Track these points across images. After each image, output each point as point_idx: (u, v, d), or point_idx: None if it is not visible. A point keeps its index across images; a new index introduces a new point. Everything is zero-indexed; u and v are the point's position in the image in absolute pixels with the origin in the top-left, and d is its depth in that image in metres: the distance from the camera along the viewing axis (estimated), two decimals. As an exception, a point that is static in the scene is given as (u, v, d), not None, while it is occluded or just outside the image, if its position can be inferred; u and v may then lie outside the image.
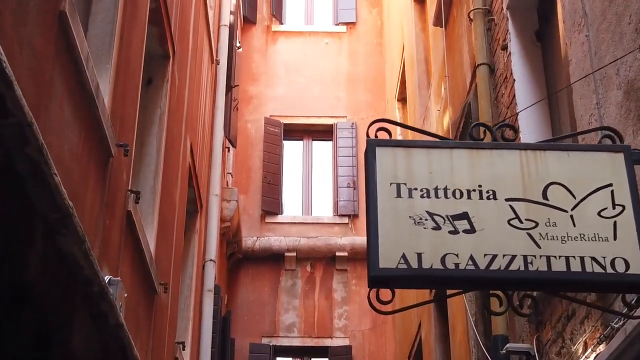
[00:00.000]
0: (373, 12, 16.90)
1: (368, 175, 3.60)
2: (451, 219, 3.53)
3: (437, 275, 3.42)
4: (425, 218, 3.52)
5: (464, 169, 3.64)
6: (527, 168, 3.66)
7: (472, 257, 3.45)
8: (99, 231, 5.02)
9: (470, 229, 3.51)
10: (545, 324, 5.73)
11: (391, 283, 3.43)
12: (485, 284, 3.61)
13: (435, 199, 3.56)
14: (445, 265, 3.43)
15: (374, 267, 3.38)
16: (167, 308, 7.68)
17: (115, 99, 5.42)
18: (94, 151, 4.85)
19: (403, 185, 3.58)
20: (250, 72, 16.07)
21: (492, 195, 3.61)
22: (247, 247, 14.54)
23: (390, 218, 3.50)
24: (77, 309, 4.43)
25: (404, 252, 3.42)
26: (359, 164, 15.37)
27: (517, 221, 3.58)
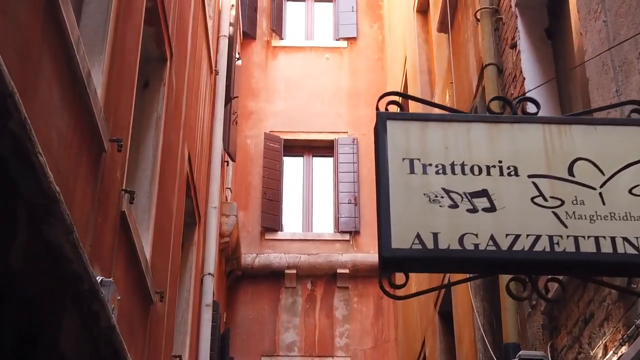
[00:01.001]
0: (374, 27, 16.71)
1: (378, 150, 3.35)
2: (469, 197, 3.27)
3: (455, 256, 3.15)
4: (441, 195, 3.26)
5: (483, 143, 3.38)
6: (551, 143, 3.40)
7: (493, 237, 3.18)
8: (90, 229, 4.75)
9: (491, 207, 3.25)
10: (560, 329, 5.45)
11: (405, 265, 3.16)
12: (508, 266, 3.33)
13: (452, 176, 3.30)
14: (463, 245, 3.16)
15: (386, 247, 3.12)
16: (163, 319, 7.39)
17: (109, 92, 5.17)
18: (85, 143, 4.60)
19: (417, 160, 3.32)
20: (249, 88, 15.84)
21: (514, 172, 3.35)
22: (247, 264, 14.24)
23: (403, 195, 3.24)
24: (65, 308, 4.16)
25: (418, 231, 3.16)
26: (361, 179, 15.12)
27: (541, 199, 3.31)
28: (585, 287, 4.92)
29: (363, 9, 16.87)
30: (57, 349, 4.12)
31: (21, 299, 3.70)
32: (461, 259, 3.19)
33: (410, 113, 3.99)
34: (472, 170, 3.33)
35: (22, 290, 3.68)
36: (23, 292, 3.70)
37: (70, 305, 4.19)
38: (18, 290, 3.63)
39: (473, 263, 3.27)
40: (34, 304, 3.84)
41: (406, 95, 3.81)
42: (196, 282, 9.80)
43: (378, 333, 14.20)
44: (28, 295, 3.76)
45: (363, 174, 15.19)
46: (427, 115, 3.60)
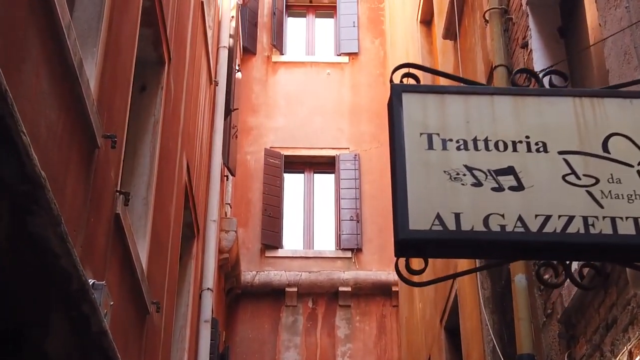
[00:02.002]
0: (375, 43, 16.50)
1: (393, 125, 3.07)
2: (494, 174, 2.99)
3: (480, 238, 2.87)
4: (463, 173, 2.98)
5: (508, 117, 3.11)
6: (583, 117, 3.13)
7: (521, 218, 2.90)
8: (82, 228, 4.48)
9: (518, 186, 2.97)
10: (579, 338, 5.15)
11: (424, 248, 2.88)
12: (538, 250, 3.05)
13: (475, 152, 3.03)
14: (488, 227, 2.89)
15: (402, 229, 2.83)
16: (160, 331, 7.09)
17: (103, 87, 4.91)
18: (76, 137, 4.33)
19: (435, 135, 3.05)
20: (250, 103, 15.60)
21: (542, 148, 3.08)
22: (246, 282, 13.93)
23: (421, 173, 2.96)
24: (52, 309, 3.87)
25: (438, 211, 2.88)
26: (362, 196, 14.85)
27: (573, 177, 3.03)
28: (607, 291, 4.63)
29: (364, 24, 16.67)
30: (43, 352, 3.83)
31: (2, 297, 3.42)
32: (486, 241, 2.90)
33: (427, 85, 3.73)
34: (497, 146, 3.06)
35: (3, 287, 3.40)
36: (4, 289, 3.42)
37: (57, 307, 3.90)
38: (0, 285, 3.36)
39: (499, 246, 2.98)
40: (17, 303, 3.56)
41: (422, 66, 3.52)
42: (194, 297, 9.50)
43: (381, 353, 13.86)
44: (10, 293, 3.47)
45: (365, 190, 14.92)
46: (445, 87, 3.30)
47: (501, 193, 2.96)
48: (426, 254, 2.91)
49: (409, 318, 12.48)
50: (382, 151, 15.21)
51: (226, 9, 11.97)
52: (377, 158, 15.20)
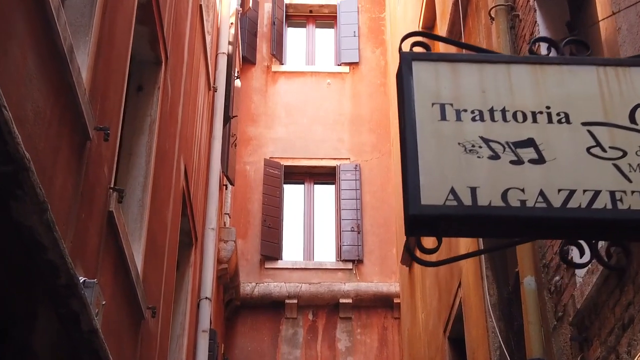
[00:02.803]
0: (376, 52, 16.33)
1: (403, 95, 2.86)
2: (513, 147, 2.78)
3: (498, 214, 2.66)
4: (479, 145, 2.77)
5: (526, 87, 2.90)
6: (608, 87, 2.93)
7: (543, 192, 2.69)
8: (72, 223, 4.26)
9: (538, 159, 2.76)
10: (593, 340, 4.92)
11: (437, 225, 2.66)
12: (562, 227, 2.83)
13: (491, 123, 2.82)
14: (507, 202, 2.68)
15: (414, 204, 2.62)
16: (156, 338, 6.86)
17: (96, 78, 4.71)
18: (66, 125, 4.12)
19: (449, 105, 2.84)
20: (249, 113, 15.41)
21: (565, 119, 2.87)
22: (246, 294, 13.69)
23: (434, 145, 2.75)
24: (38, 304, 3.65)
25: (452, 186, 2.67)
26: (363, 207, 14.64)
27: (598, 149, 2.82)
28: (623, 290, 4.42)
29: (365, 34, 16.50)
30: (30, 350, 3.61)
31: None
32: (506, 217, 2.69)
33: (439, 53, 3.53)
34: (515, 117, 2.85)
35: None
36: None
37: (44, 302, 3.68)
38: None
39: (520, 222, 2.76)
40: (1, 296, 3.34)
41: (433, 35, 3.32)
42: (192, 307, 9.27)
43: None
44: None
45: (366, 200, 14.71)
46: (459, 55, 3.09)
47: (521, 166, 2.75)
48: (439, 231, 2.69)
49: (411, 329, 12.23)
50: (383, 161, 15.03)
51: (225, 16, 11.80)
52: (378, 168, 15.01)
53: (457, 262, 8.80)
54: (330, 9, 16.84)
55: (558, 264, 5.44)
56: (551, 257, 5.62)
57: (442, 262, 3.07)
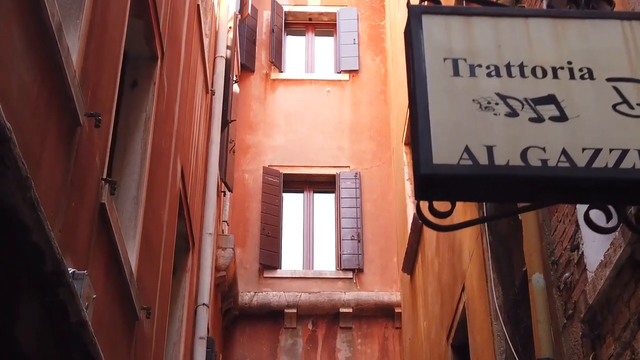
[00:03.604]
0: (376, 60, 16.16)
1: (412, 50, 2.66)
2: (532, 103, 2.58)
3: (517, 174, 2.45)
4: (495, 102, 2.58)
5: (546, 42, 2.70)
6: (634, 42, 2.73)
7: (566, 151, 2.49)
8: (61, 210, 4.06)
9: (560, 116, 2.57)
10: (606, 337, 4.71)
11: (450, 186, 2.46)
12: (587, 188, 2.62)
13: (508, 78, 2.62)
14: (527, 161, 2.48)
15: (425, 163, 2.41)
16: (151, 341, 6.64)
17: (87, 63, 4.52)
18: (54, 107, 3.93)
19: (462, 61, 2.65)
20: (248, 121, 15.22)
21: (588, 75, 2.67)
22: (244, 303, 13.46)
23: (446, 101, 2.55)
24: (22, 292, 3.44)
25: (467, 144, 2.47)
26: (364, 215, 14.43)
27: (625, 106, 2.63)
28: (639, 281, 4.21)
29: (365, 41, 16.34)
30: (13, 342, 3.40)
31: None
32: (526, 177, 2.49)
33: (451, 6, 3.29)
34: (534, 73, 2.65)
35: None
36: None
37: (29, 291, 3.47)
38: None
39: (541, 183, 2.56)
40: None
41: (444, -13, 3.11)
42: (189, 313, 9.04)
43: (384, 378, 13.38)
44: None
45: (366, 209, 14.51)
46: (473, 9, 2.87)
47: (541, 124, 2.55)
48: (453, 194, 2.49)
49: (412, 339, 12.00)
50: (383, 169, 14.84)
51: (223, 19, 11.64)
52: (379, 176, 14.82)
53: (460, 265, 8.60)
54: (330, 16, 16.69)
55: (568, 260, 5.24)
56: (560, 253, 5.42)
57: (455, 227, 2.86)
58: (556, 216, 5.49)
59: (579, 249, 5.07)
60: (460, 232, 8.58)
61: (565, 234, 5.34)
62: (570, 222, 5.22)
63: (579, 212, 5.08)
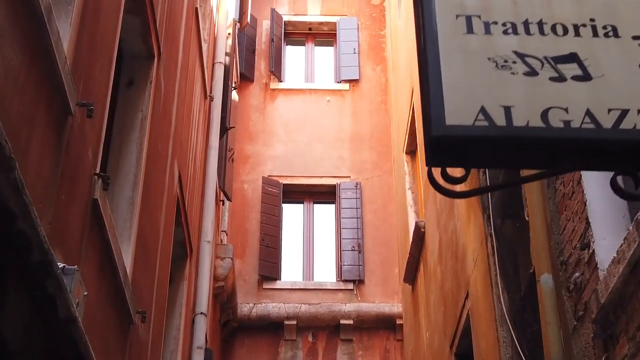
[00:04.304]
0: (377, 70, 16.01)
1: (422, 6, 2.48)
2: (552, 62, 2.41)
3: (538, 135, 2.27)
4: (512, 60, 2.40)
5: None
6: (662, -1, 2.57)
7: (590, 112, 2.31)
8: (50, 202, 3.88)
9: (583, 75, 2.39)
10: (619, 337, 4.52)
11: (465, 149, 2.27)
12: (614, 151, 2.42)
13: (526, 36, 2.45)
14: (548, 122, 2.30)
15: (437, 124, 2.23)
16: (147, 346, 6.45)
17: (79, 52, 4.35)
18: (44, 93, 3.75)
19: (476, 17, 2.47)
20: (247, 131, 15.05)
21: (612, 32, 2.50)
22: (243, 315, 13.24)
23: (459, 60, 2.37)
24: (9, 285, 3.26)
25: (483, 105, 2.29)
26: (364, 226, 14.24)
27: (653, 66, 2.45)
28: (654, 277, 4.03)
29: (365, 51, 16.20)
30: None
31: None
32: (547, 139, 2.30)
33: None
34: (554, 30, 2.47)
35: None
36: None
37: (14, 282, 3.29)
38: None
39: (564, 145, 2.37)
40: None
41: None
42: (187, 322, 8.85)
43: (385, 390, 13.15)
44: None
45: (367, 219, 14.31)
46: None
47: (563, 84, 2.37)
48: (467, 159, 2.30)
49: (414, 350, 11.80)
50: (384, 179, 14.67)
51: (222, 25, 11.50)
52: (380, 187, 14.64)
53: (464, 272, 8.41)
54: (330, 26, 16.56)
55: (578, 259, 5.06)
56: (569, 252, 5.23)
57: (468, 193, 2.67)
58: (565, 215, 5.31)
59: (589, 247, 4.89)
60: (464, 237, 8.40)
61: (574, 233, 5.16)
62: (580, 220, 5.04)
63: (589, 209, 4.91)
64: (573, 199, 5.17)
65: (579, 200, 5.07)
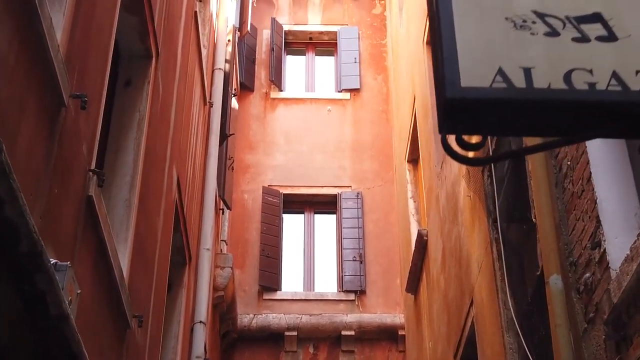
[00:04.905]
0: (378, 79, 15.88)
1: (433, -40, 2.33)
2: (575, 22, 2.25)
3: (561, 98, 2.11)
4: (531, 20, 2.24)
5: (589, -48, 2.38)
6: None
7: (617, 74, 2.15)
8: (41, 194, 3.72)
9: (609, 36, 2.23)
10: (632, 337, 4.35)
11: (481, 113, 2.11)
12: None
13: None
14: (572, 84, 2.14)
15: (452, 85, 2.06)
16: (144, 352, 6.27)
17: (73, 43, 4.21)
18: (35, 81, 3.61)
19: (491, -25, 2.32)
20: (247, 140, 14.91)
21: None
22: (243, 326, 13.06)
23: (474, 19, 2.21)
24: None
25: (500, 66, 2.13)
26: (366, 236, 14.07)
27: (682, 27, 2.30)
28: (670, 274, 3.87)
29: (366, 60, 16.07)
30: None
31: None
32: (570, 101, 2.14)
33: None
34: (576, -11, 2.33)
35: None
36: None
37: (3, 277, 3.13)
38: None
39: (589, 108, 2.21)
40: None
41: None
42: (185, 330, 8.67)
43: (388, 402, 12.96)
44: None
45: (368, 229, 14.15)
46: None
47: (586, 44, 2.21)
48: (482, 124, 2.14)
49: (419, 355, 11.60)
50: (385, 189, 14.51)
51: (222, 32, 11.38)
52: (381, 196, 14.48)
53: (468, 279, 8.23)
54: (330, 35, 16.44)
55: (588, 259, 4.90)
56: (579, 253, 5.07)
57: (492, 159, 2.51)
58: (574, 214, 5.16)
59: (600, 246, 4.73)
60: (468, 243, 8.24)
61: (584, 232, 5.00)
62: (590, 218, 4.89)
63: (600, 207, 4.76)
64: (583, 197, 5.02)
65: (589, 199, 4.91)
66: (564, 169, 5.36)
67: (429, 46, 11.03)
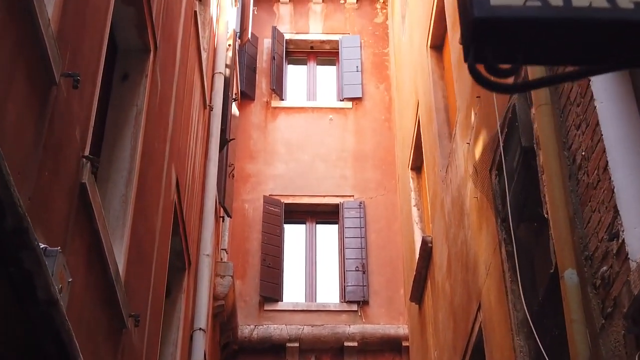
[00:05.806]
0: (380, 88, 15.69)
1: None
2: None
3: (603, 17, 1.88)
4: None
5: None
6: None
7: None
8: (30, 175, 3.51)
9: None
10: (655, 330, 4.13)
11: (513, 35, 1.87)
12: None
13: None
14: (615, 3, 1.91)
15: (480, 4, 1.83)
16: (141, 354, 6.03)
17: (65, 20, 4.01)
18: (23, 56, 3.40)
19: None
20: (248, 150, 14.71)
21: None
22: (244, 337, 12.81)
23: None
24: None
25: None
26: (368, 246, 13.84)
27: None
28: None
29: (368, 69, 15.89)
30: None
31: None
32: (615, 21, 1.91)
33: None
34: None
35: None
36: None
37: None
38: None
39: (635, 29, 1.98)
40: None
41: None
42: (184, 337, 8.43)
43: (391, 414, 12.69)
44: None
45: (371, 239, 13.92)
46: None
47: None
48: (516, 46, 1.91)
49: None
50: (388, 198, 14.29)
51: (222, 36, 11.20)
52: (384, 206, 14.26)
53: (475, 283, 8.00)
54: (332, 44, 16.27)
55: (605, 252, 4.67)
56: (595, 245, 4.84)
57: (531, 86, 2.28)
58: (589, 206, 4.94)
59: (618, 237, 4.51)
60: (475, 246, 8.02)
61: (600, 224, 4.78)
62: (607, 209, 4.67)
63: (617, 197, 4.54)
64: (598, 188, 4.80)
65: (605, 189, 4.70)
66: (577, 160, 5.15)
67: (433, 50, 10.85)
